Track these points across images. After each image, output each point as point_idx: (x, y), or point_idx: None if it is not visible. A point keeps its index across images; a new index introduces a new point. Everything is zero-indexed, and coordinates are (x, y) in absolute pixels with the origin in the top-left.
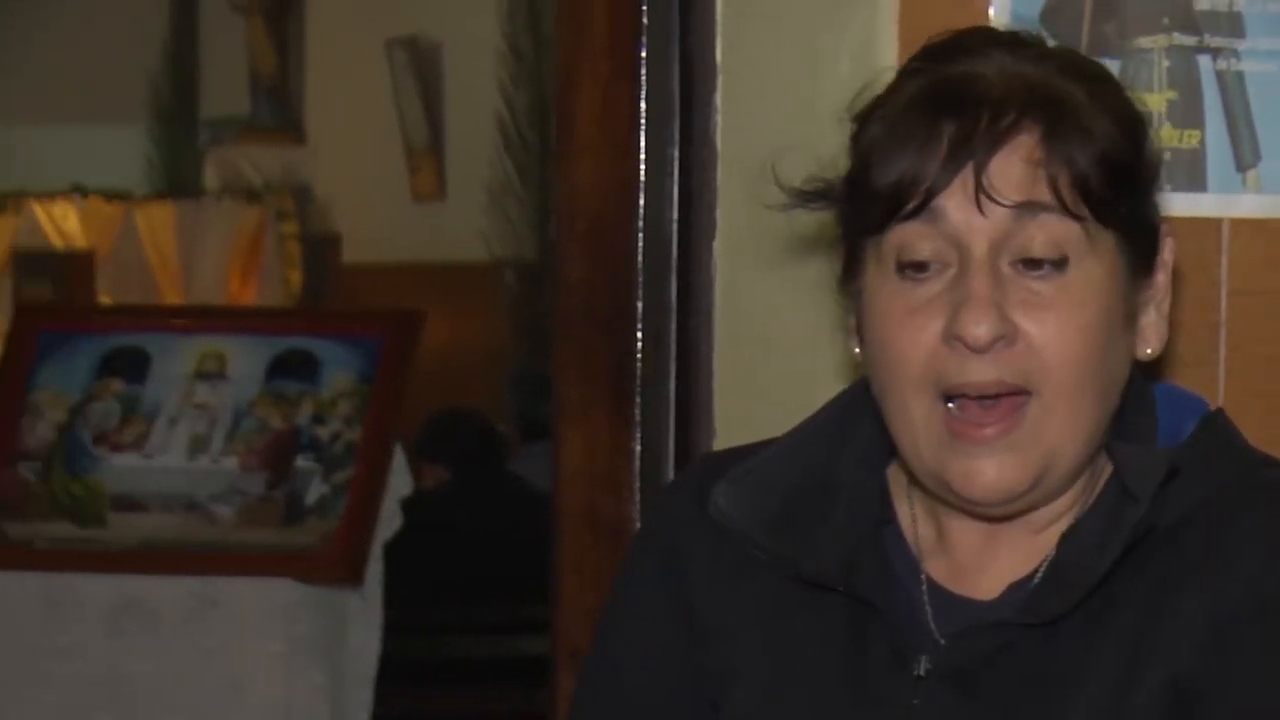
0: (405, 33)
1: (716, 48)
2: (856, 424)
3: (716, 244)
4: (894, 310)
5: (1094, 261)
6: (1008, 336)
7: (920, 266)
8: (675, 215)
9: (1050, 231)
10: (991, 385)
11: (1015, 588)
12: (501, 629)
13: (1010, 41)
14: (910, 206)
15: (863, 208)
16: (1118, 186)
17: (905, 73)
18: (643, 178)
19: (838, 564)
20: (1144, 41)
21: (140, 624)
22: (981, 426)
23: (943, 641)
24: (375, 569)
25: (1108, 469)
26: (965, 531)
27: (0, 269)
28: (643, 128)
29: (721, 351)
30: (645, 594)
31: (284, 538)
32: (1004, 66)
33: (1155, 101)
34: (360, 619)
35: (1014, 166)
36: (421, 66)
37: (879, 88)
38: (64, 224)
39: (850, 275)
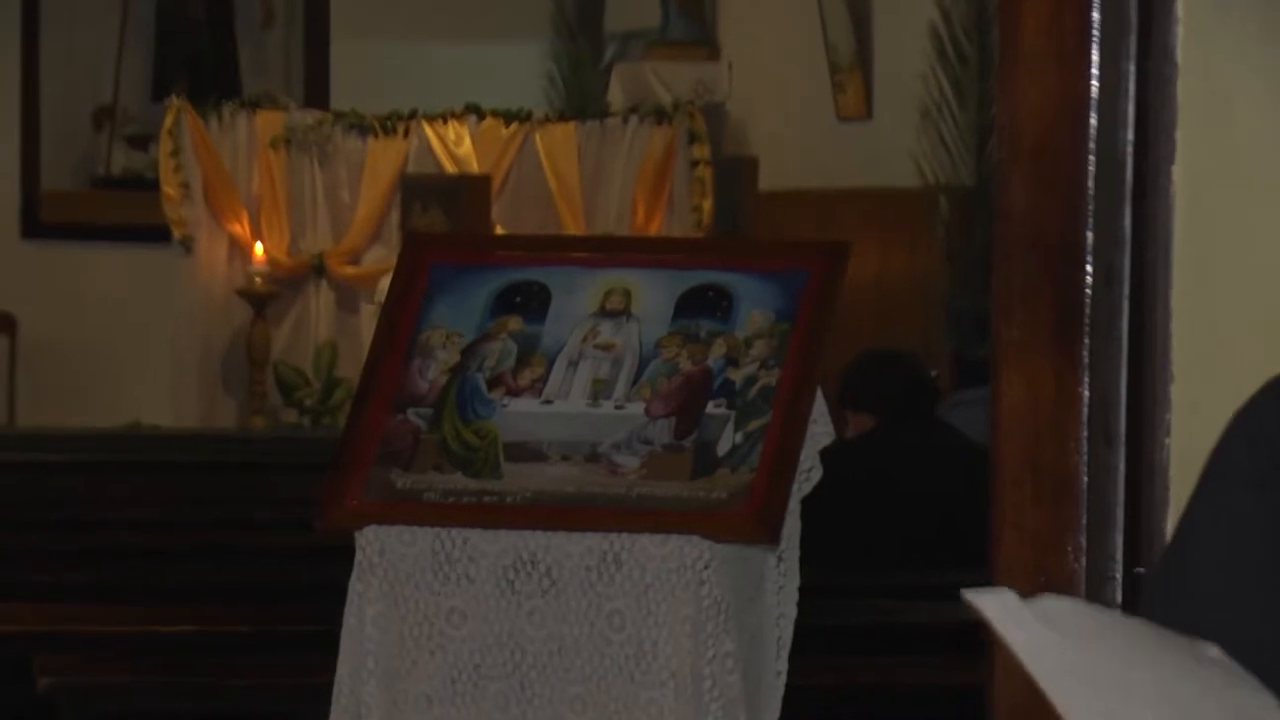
0: None
1: None
2: None
3: (1176, 169)
4: None
5: None
6: None
7: None
8: (1130, 137)
9: None
10: None
11: None
12: (929, 593)
13: None
14: None
15: None
16: None
17: None
18: (1094, 95)
19: None
20: None
21: (537, 584)
22: None
23: None
24: (791, 526)
25: None
26: None
27: (389, 196)
28: (1095, 40)
29: (1180, 287)
30: (1251, 505)
31: (693, 491)
32: None
33: None
34: (775, 580)
35: None
36: None
37: None
38: (457, 148)
39: None
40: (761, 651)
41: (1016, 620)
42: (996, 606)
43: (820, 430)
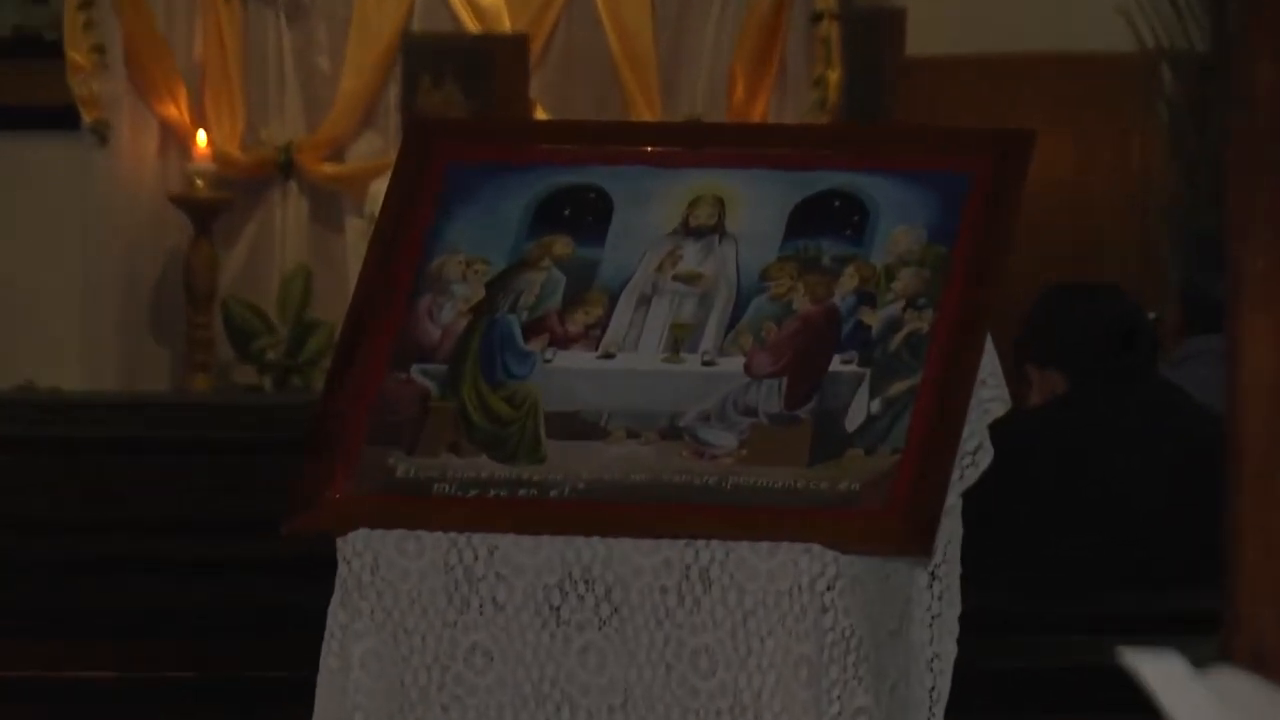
0: None
1: None
2: None
3: None
4: None
5: None
6: None
7: None
8: None
9: None
10: None
11: None
12: (1141, 624)
13: None
14: None
15: None
16: None
17: None
18: None
19: None
20: None
21: (592, 612)
22: None
23: None
24: (950, 530)
25: None
26: None
27: (385, 64)
28: None
29: None
30: None
31: (812, 481)
32: None
33: None
34: (927, 607)
35: None
36: None
37: None
38: None
39: None
40: (907, 705)
41: (1183, 694)
42: (1160, 675)
43: (990, 395)
